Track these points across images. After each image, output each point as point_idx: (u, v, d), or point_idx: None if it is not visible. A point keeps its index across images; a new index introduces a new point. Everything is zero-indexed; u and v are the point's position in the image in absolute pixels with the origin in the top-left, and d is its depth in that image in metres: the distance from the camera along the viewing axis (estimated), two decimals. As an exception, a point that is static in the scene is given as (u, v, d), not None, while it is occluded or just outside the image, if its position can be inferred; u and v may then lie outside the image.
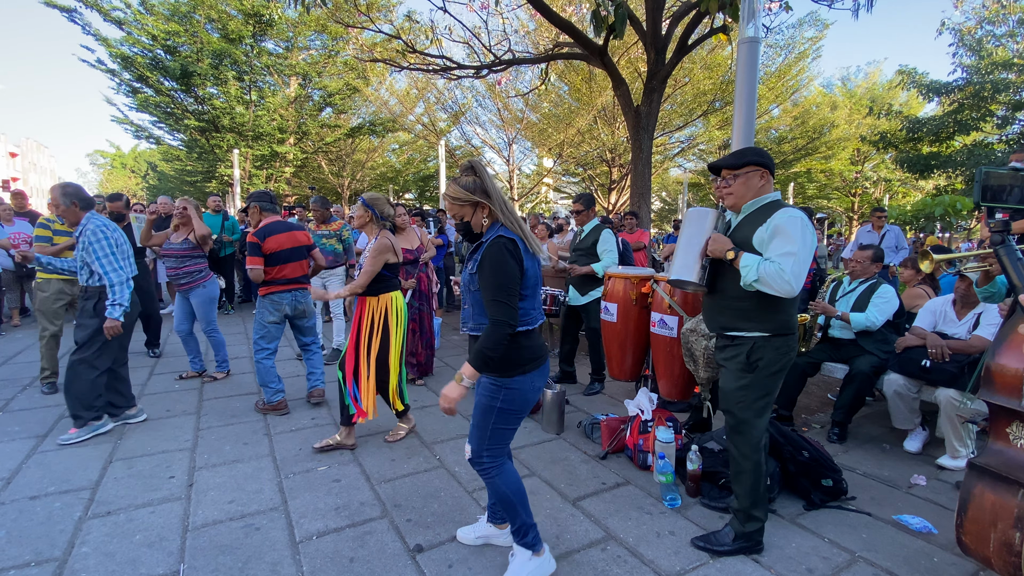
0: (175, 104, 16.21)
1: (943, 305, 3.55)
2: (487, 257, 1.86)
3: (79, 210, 3.28)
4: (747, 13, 3.88)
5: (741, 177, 2.25)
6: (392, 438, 3.49)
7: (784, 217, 2.12)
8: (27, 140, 55.37)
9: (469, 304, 2.01)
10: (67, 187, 3.28)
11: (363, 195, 3.43)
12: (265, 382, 3.88)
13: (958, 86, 13.00)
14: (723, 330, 2.34)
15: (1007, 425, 1.82)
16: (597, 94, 14.86)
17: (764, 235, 2.15)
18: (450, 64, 7.95)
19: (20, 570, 2.12)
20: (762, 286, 2.08)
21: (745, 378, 2.24)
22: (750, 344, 2.23)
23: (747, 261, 2.12)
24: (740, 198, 2.28)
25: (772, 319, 2.20)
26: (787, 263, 2.04)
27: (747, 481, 2.27)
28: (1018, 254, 1.64)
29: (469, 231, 2.01)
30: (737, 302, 2.25)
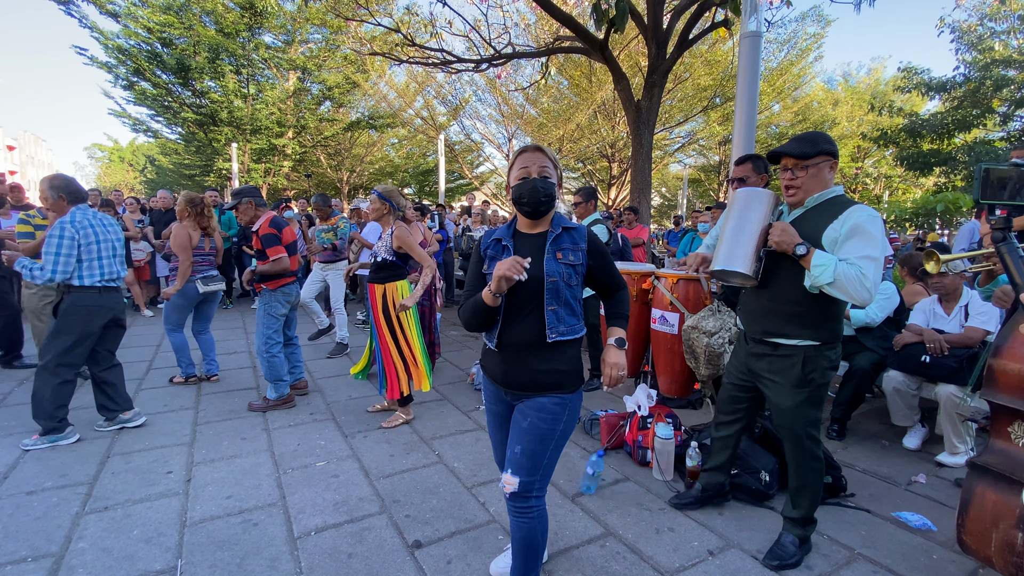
0: (172, 97, 16.14)
1: (931, 304, 3.55)
2: (597, 243, 1.77)
3: (66, 203, 3.15)
4: (749, 7, 3.86)
5: (812, 168, 2.01)
6: (388, 424, 3.59)
7: (864, 216, 1.92)
8: (25, 133, 55.07)
9: (558, 305, 1.68)
10: (54, 179, 3.17)
11: (377, 188, 3.56)
12: (278, 376, 3.84)
13: (959, 83, 12.96)
14: (768, 335, 2.14)
15: (1009, 424, 1.81)
16: (597, 89, 14.80)
17: (838, 233, 1.95)
18: (450, 58, 7.91)
19: (16, 565, 2.11)
20: (835, 290, 1.88)
21: (802, 394, 2.08)
22: (801, 355, 2.06)
23: (822, 260, 1.89)
24: (808, 192, 2.05)
25: (826, 327, 2.05)
26: (869, 267, 1.85)
27: (813, 490, 2.20)
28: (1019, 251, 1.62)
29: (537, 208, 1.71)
30: (793, 306, 2.05)
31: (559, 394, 1.71)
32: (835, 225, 1.96)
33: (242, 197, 3.86)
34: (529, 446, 1.69)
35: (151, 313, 7.39)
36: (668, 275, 3.71)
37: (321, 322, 5.78)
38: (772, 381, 2.16)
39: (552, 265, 1.68)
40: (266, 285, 3.77)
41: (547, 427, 1.69)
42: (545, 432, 1.69)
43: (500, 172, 20.57)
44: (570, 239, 1.73)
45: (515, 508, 1.72)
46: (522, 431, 1.71)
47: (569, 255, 1.70)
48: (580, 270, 1.73)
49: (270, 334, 3.80)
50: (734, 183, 2.96)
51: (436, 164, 16.77)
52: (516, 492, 1.70)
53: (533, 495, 1.71)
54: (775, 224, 2.01)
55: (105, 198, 7.26)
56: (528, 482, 1.70)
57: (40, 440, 3.17)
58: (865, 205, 1.99)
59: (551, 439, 1.70)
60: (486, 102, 17.39)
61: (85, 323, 3.21)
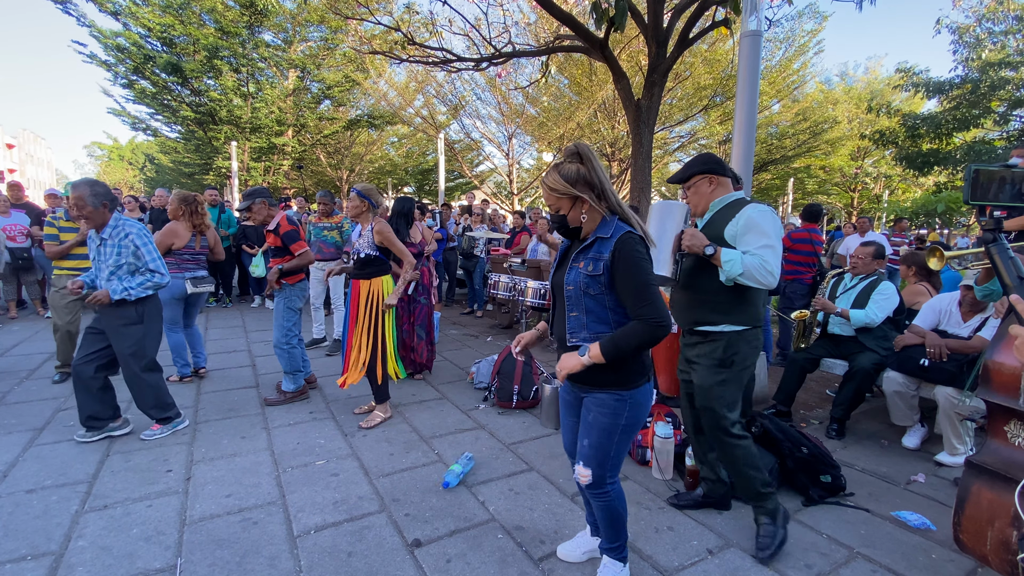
0: (171, 96, 16.11)
1: (949, 304, 3.52)
2: (625, 255, 1.67)
3: (108, 212, 3.12)
4: (749, 6, 3.86)
5: (691, 188, 2.41)
6: (367, 424, 3.59)
7: (755, 212, 2.22)
8: (24, 131, 54.98)
9: (580, 312, 1.76)
10: (97, 186, 3.09)
11: (356, 186, 3.63)
12: (297, 367, 3.95)
13: (957, 84, 12.96)
14: (695, 325, 2.37)
15: (1005, 423, 1.82)
16: (597, 88, 14.78)
17: (735, 230, 2.23)
18: (450, 56, 7.90)
19: (16, 564, 2.11)
20: (746, 279, 2.14)
21: (722, 373, 2.29)
22: (724, 340, 2.29)
23: (729, 256, 2.17)
24: (696, 206, 2.42)
25: (746, 312, 2.28)
26: (768, 255, 2.14)
27: (739, 468, 2.32)
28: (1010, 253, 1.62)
29: (564, 225, 1.81)
30: (713, 296, 2.29)
31: (615, 390, 1.77)
32: (732, 223, 2.25)
33: (255, 198, 3.92)
34: (595, 439, 1.80)
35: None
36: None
37: (318, 330, 5.81)
38: (698, 363, 2.38)
39: (572, 274, 1.77)
40: (286, 280, 3.88)
41: (608, 421, 1.78)
42: (607, 426, 1.78)
43: (500, 171, 20.57)
44: (598, 248, 1.74)
45: (592, 494, 1.87)
46: (588, 425, 1.83)
47: (590, 265, 1.73)
48: (602, 280, 1.71)
49: (290, 327, 3.91)
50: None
51: (436, 163, 16.76)
52: (590, 484, 1.84)
53: (607, 482, 1.85)
54: (685, 230, 2.31)
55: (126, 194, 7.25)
56: (599, 473, 1.82)
57: (163, 429, 3.37)
58: (757, 203, 2.29)
59: (615, 433, 1.79)
60: (486, 101, 17.36)
61: (160, 319, 3.38)
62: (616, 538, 1.99)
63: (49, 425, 3.48)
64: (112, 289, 3.08)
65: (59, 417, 3.60)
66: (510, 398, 3.95)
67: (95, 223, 3.11)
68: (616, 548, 2.00)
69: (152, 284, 3.19)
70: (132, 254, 3.15)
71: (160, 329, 3.40)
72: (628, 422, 1.79)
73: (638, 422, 1.82)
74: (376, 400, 3.71)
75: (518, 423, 3.71)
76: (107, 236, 3.13)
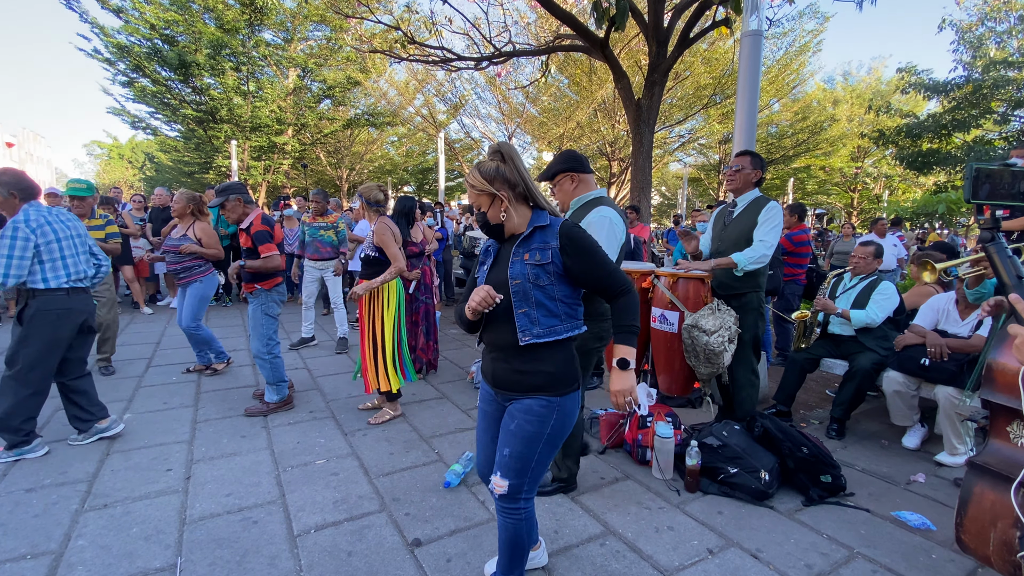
0: (172, 94, 16.10)
1: (946, 303, 3.53)
2: (577, 241, 1.65)
3: (18, 201, 2.86)
4: (749, 5, 3.85)
5: (556, 186, 2.58)
6: (376, 420, 3.63)
7: (593, 216, 2.39)
8: (24, 130, 54.92)
9: (529, 307, 1.65)
10: (2, 174, 2.86)
11: (359, 189, 3.73)
12: (280, 377, 3.77)
13: (958, 84, 12.97)
14: None
15: (1007, 424, 1.81)
16: (597, 87, 14.79)
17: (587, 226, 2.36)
18: (450, 55, 7.89)
19: (15, 563, 2.11)
20: None
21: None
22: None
23: None
24: (562, 203, 2.59)
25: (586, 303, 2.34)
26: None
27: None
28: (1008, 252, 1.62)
29: (487, 223, 1.75)
30: None
31: (546, 396, 1.67)
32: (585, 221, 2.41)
33: (229, 194, 3.65)
34: (516, 448, 1.68)
35: (150, 310, 7.39)
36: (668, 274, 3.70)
37: (307, 329, 5.71)
38: None
39: (517, 267, 1.67)
40: (260, 285, 3.66)
41: (533, 429, 1.67)
42: (531, 434, 1.67)
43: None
44: (541, 238, 1.69)
45: (503, 508, 1.74)
46: (510, 433, 1.70)
47: (536, 254, 1.66)
48: (550, 268, 1.65)
49: (270, 335, 3.71)
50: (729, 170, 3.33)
51: (436, 162, 16.76)
52: (505, 494, 1.71)
53: (522, 497, 1.72)
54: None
55: (104, 195, 7.24)
56: (516, 484, 1.70)
57: (3, 454, 2.94)
58: (604, 206, 2.44)
59: (538, 442, 1.67)
60: (486, 100, 17.38)
61: (55, 328, 2.96)
62: (511, 568, 1.82)
63: (48, 424, 3.47)
64: None
65: (58, 416, 3.59)
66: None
67: (8, 214, 2.88)
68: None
69: None
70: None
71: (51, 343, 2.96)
72: (553, 431, 1.68)
73: (563, 433, 1.72)
74: (387, 399, 3.72)
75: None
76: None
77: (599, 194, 2.52)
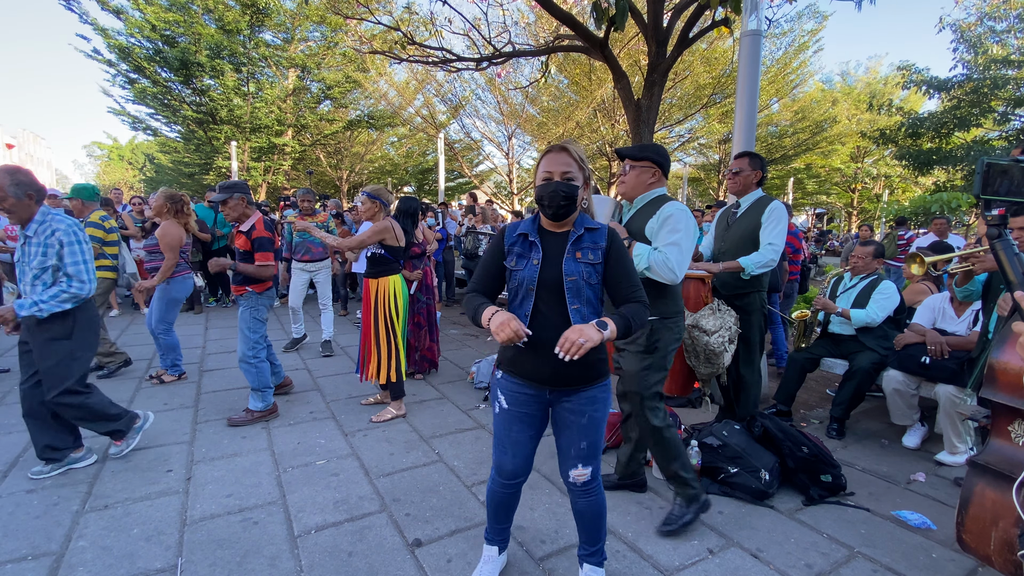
0: (172, 95, 16.10)
1: (941, 302, 3.54)
2: (618, 246, 1.77)
3: (34, 204, 2.67)
4: (749, 5, 3.85)
5: (636, 169, 2.45)
6: (378, 418, 3.66)
7: (672, 209, 2.32)
8: (23, 131, 54.93)
9: (581, 303, 1.71)
10: (19, 173, 2.65)
11: (366, 189, 3.72)
12: (266, 383, 3.64)
13: (958, 82, 12.96)
14: None
15: (1009, 423, 1.81)
16: (597, 87, 14.79)
17: (655, 225, 2.34)
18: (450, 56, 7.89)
19: (16, 564, 2.11)
20: (651, 274, 2.27)
21: (647, 359, 2.38)
22: (648, 327, 2.37)
23: (639, 251, 2.29)
24: (631, 189, 2.48)
25: (664, 305, 2.37)
26: (672, 253, 2.25)
27: (660, 447, 2.41)
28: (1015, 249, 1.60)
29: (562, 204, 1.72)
30: None
31: (602, 382, 1.81)
32: (654, 219, 2.35)
33: (234, 192, 3.53)
34: (592, 438, 1.82)
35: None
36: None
37: (297, 330, 5.61)
38: (626, 349, 2.46)
39: (571, 265, 1.72)
40: (252, 288, 3.56)
41: (600, 416, 1.81)
42: (600, 420, 1.82)
43: (500, 171, 20.56)
44: (591, 239, 1.77)
45: (587, 491, 1.87)
46: (583, 428, 1.80)
47: (589, 254, 1.74)
48: (599, 269, 1.75)
49: (256, 339, 3.60)
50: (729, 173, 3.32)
51: (436, 163, 16.76)
52: (588, 480, 1.85)
53: (599, 475, 1.89)
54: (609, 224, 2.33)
55: (104, 196, 7.24)
56: (596, 467, 1.86)
57: (124, 445, 3.02)
58: (676, 201, 2.39)
59: (604, 424, 1.84)
60: (486, 101, 17.37)
61: (96, 337, 2.93)
62: (599, 537, 1.97)
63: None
64: (18, 305, 2.61)
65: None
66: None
67: (19, 217, 2.66)
68: (599, 550, 1.98)
69: (70, 296, 2.67)
70: (56, 254, 2.66)
71: (94, 342, 2.90)
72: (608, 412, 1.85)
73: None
74: (392, 396, 3.77)
75: (518, 423, 3.71)
76: (31, 233, 2.65)
77: (665, 191, 2.50)
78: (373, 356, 3.64)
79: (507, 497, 1.97)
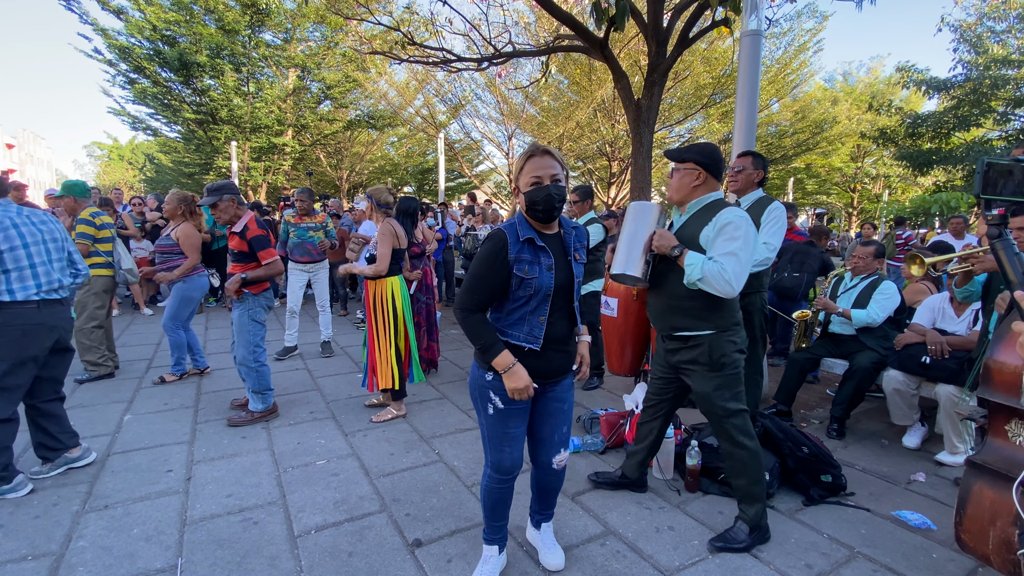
0: (172, 95, 16.10)
1: (941, 302, 3.55)
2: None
3: None
4: (749, 5, 3.85)
5: (679, 172, 2.30)
6: (379, 419, 3.67)
7: (731, 216, 2.13)
8: (24, 131, 54.94)
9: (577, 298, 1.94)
10: None
11: (368, 190, 3.76)
12: (267, 386, 3.64)
13: (958, 83, 12.97)
14: (675, 330, 2.32)
15: (1006, 422, 1.82)
16: (597, 87, 14.78)
17: (710, 233, 2.16)
18: (450, 56, 7.89)
19: (16, 564, 2.11)
20: (704, 285, 2.10)
21: (717, 377, 2.26)
22: (707, 342, 2.24)
23: (692, 259, 2.13)
24: (675, 193, 2.33)
25: (720, 317, 2.24)
26: (730, 263, 2.07)
27: (750, 471, 2.29)
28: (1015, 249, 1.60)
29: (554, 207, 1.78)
30: (686, 301, 2.24)
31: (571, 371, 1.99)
32: (709, 226, 2.17)
33: (222, 194, 3.43)
34: (569, 423, 2.02)
35: (151, 311, 7.39)
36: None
37: (290, 338, 5.38)
38: (691, 369, 2.34)
39: (576, 266, 1.88)
40: (249, 290, 3.50)
41: (572, 400, 2.04)
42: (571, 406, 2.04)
43: (500, 171, 20.56)
44: (578, 239, 1.91)
45: (560, 472, 2.07)
46: (564, 413, 1.99)
47: (579, 253, 1.91)
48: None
49: (257, 341, 3.56)
50: (731, 171, 3.28)
51: (436, 163, 16.76)
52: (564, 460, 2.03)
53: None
54: (657, 231, 2.27)
55: (104, 196, 7.25)
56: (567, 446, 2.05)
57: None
58: (734, 207, 2.20)
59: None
60: (486, 101, 17.36)
61: (21, 347, 2.58)
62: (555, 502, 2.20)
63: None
64: None
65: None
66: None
67: None
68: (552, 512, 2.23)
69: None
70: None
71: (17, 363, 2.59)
72: None
73: None
74: (392, 397, 3.77)
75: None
76: None
77: (721, 196, 2.30)
78: (379, 365, 3.62)
79: (505, 493, 2.01)
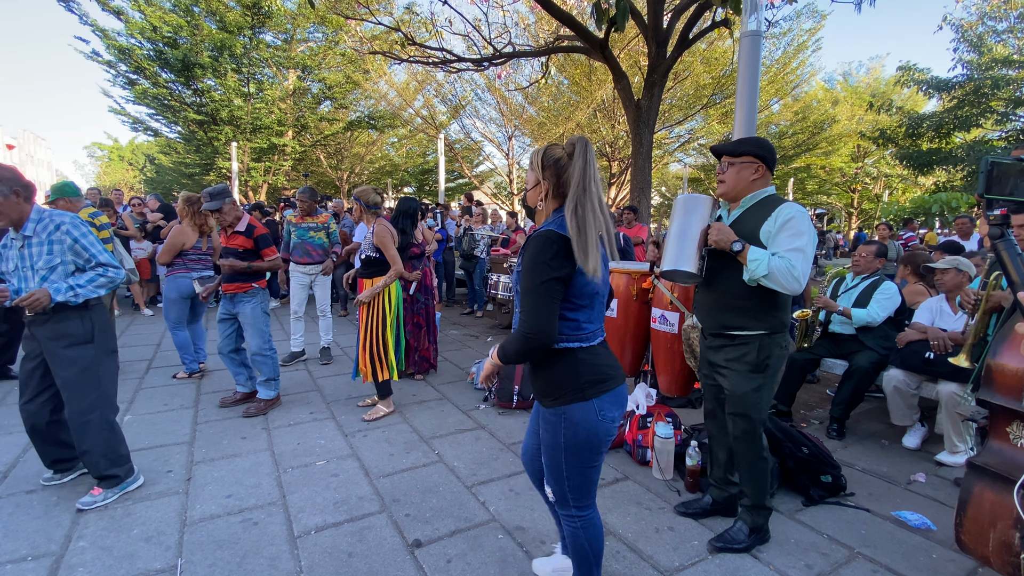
0: (172, 96, 16.10)
1: (937, 302, 3.55)
2: (527, 255, 1.55)
3: (23, 202, 2.42)
4: (749, 6, 3.85)
5: (736, 166, 2.20)
6: (370, 417, 3.71)
7: (793, 211, 2.08)
8: (24, 132, 54.98)
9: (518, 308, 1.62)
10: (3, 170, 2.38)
11: (355, 191, 3.76)
12: (278, 373, 3.89)
13: (958, 82, 12.96)
14: (725, 328, 2.25)
15: (1007, 424, 1.81)
16: (597, 88, 14.78)
17: (771, 228, 2.09)
18: (450, 57, 7.90)
19: (16, 564, 2.11)
20: (770, 281, 2.03)
21: (758, 379, 2.19)
22: (757, 343, 2.18)
23: (756, 255, 2.04)
24: (731, 187, 2.23)
25: (775, 316, 2.18)
26: (797, 259, 2.01)
27: (760, 476, 2.28)
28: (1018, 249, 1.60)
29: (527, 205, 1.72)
30: (740, 300, 2.18)
31: (552, 406, 1.61)
32: (770, 221, 2.11)
33: (226, 198, 3.62)
34: (546, 457, 1.68)
35: (151, 312, 7.39)
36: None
37: (296, 343, 5.24)
38: (729, 369, 2.25)
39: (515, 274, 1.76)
40: (257, 284, 3.80)
41: (550, 438, 1.63)
42: (550, 443, 1.64)
43: (500, 171, 20.56)
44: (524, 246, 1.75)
45: (560, 512, 1.74)
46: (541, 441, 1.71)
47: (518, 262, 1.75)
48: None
49: (267, 332, 3.83)
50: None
51: (436, 163, 16.76)
52: (554, 500, 1.73)
53: (572, 505, 1.68)
54: (713, 224, 2.17)
55: (104, 197, 7.25)
56: (558, 491, 1.68)
57: (107, 493, 2.59)
58: (793, 202, 2.16)
59: (559, 451, 1.61)
60: (486, 101, 17.38)
61: (114, 338, 2.69)
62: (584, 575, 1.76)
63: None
64: (55, 288, 2.37)
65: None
66: (510, 398, 3.94)
67: (9, 219, 2.40)
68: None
69: (106, 280, 2.50)
70: (70, 249, 2.46)
71: (114, 347, 2.67)
72: (567, 442, 1.59)
73: (581, 444, 1.58)
74: (379, 396, 3.81)
75: (518, 423, 3.71)
76: (30, 233, 2.42)
77: (774, 191, 2.24)
78: (364, 355, 3.69)
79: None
